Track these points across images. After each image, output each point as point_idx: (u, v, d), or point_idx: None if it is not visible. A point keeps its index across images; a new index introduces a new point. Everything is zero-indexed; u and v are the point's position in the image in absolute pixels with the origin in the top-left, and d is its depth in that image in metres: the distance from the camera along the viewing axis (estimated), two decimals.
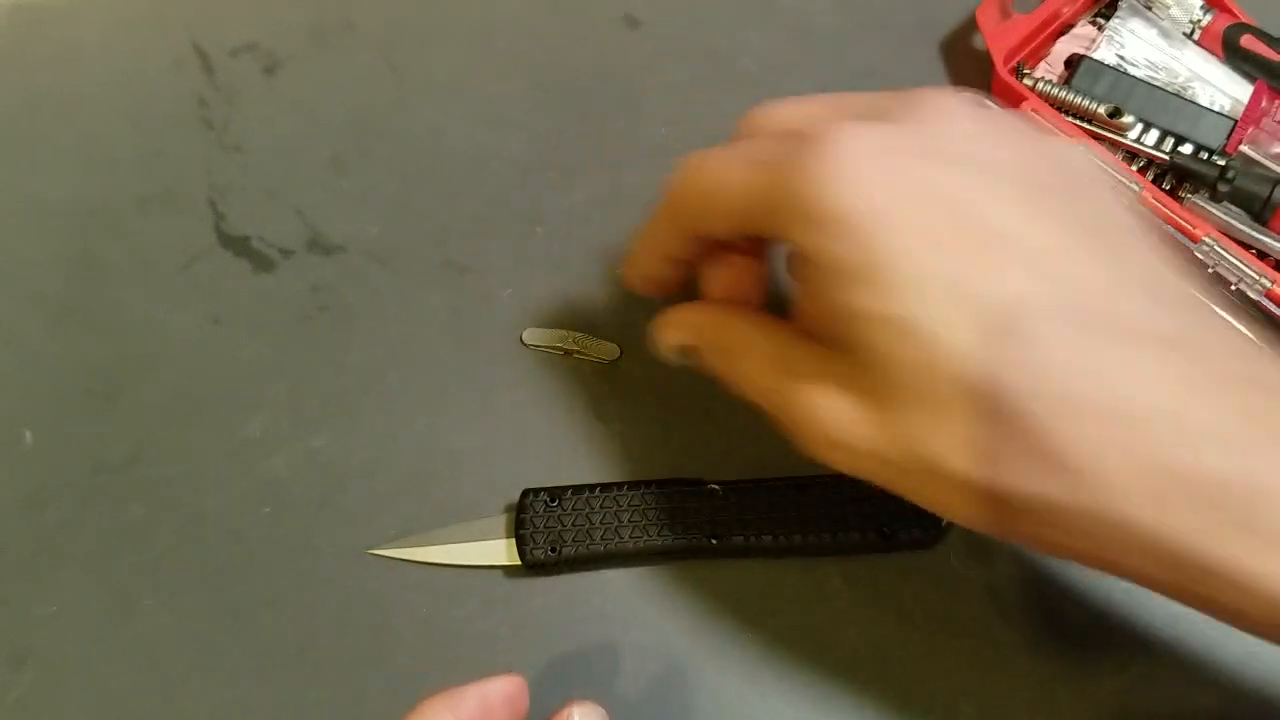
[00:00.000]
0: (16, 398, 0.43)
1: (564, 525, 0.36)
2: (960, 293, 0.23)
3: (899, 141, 0.26)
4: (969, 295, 0.23)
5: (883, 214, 0.24)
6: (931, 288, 0.24)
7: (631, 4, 0.50)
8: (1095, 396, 0.22)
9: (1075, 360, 0.23)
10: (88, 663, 0.38)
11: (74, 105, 0.49)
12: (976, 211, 0.24)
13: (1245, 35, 0.44)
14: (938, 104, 0.27)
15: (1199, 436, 0.22)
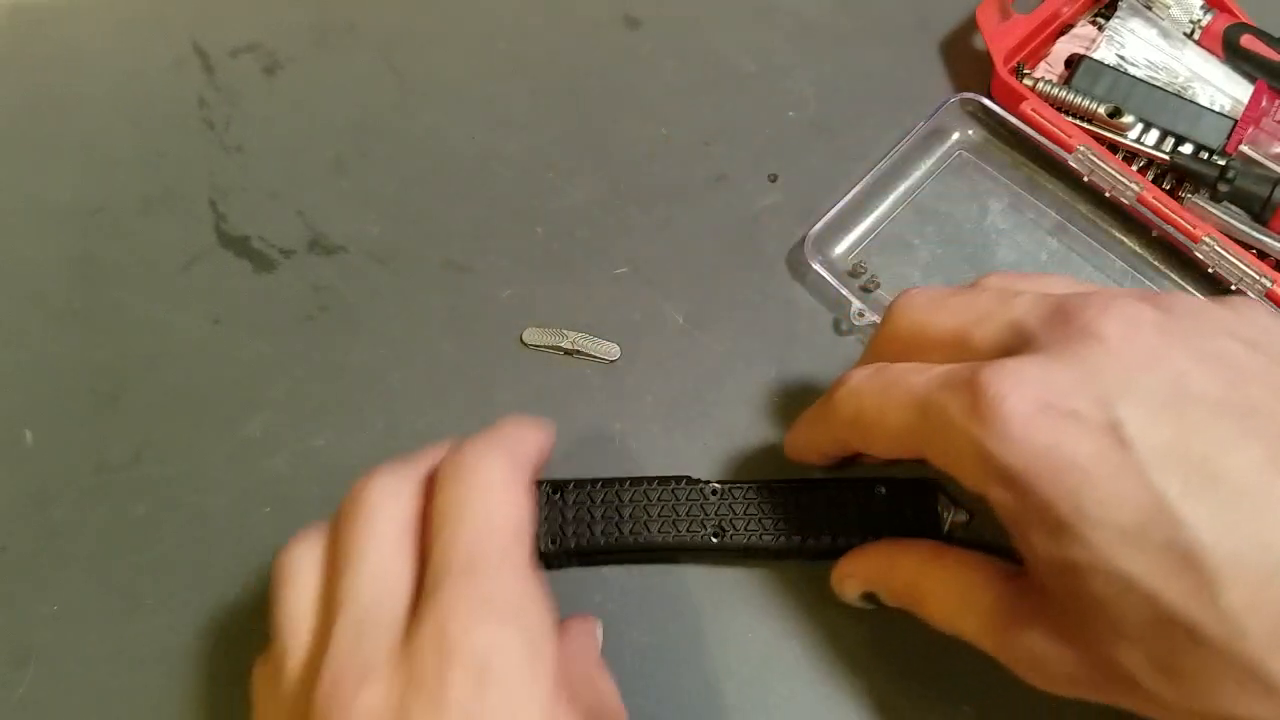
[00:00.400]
0: (18, 398, 0.43)
1: (565, 518, 0.36)
2: (1160, 539, 0.23)
3: (1061, 384, 0.25)
4: (1170, 541, 0.23)
5: (1058, 464, 0.24)
6: (1128, 534, 0.23)
7: (631, 4, 0.50)
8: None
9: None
10: (90, 662, 0.38)
11: (75, 106, 0.49)
12: (1159, 446, 0.24)
13: (1245, 35, 0.44)
14: (1101, 327, 0.25)
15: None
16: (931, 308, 0.30)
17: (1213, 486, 0.23)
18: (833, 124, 0.47)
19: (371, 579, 0.27)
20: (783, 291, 0.43)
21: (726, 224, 0.45)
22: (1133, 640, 0.24)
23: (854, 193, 0.43)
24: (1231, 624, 0.23)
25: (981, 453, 0.25)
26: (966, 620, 0.29)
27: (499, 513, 0.28)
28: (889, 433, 0.28)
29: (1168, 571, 0.23)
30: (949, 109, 0.45)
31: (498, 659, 0.24)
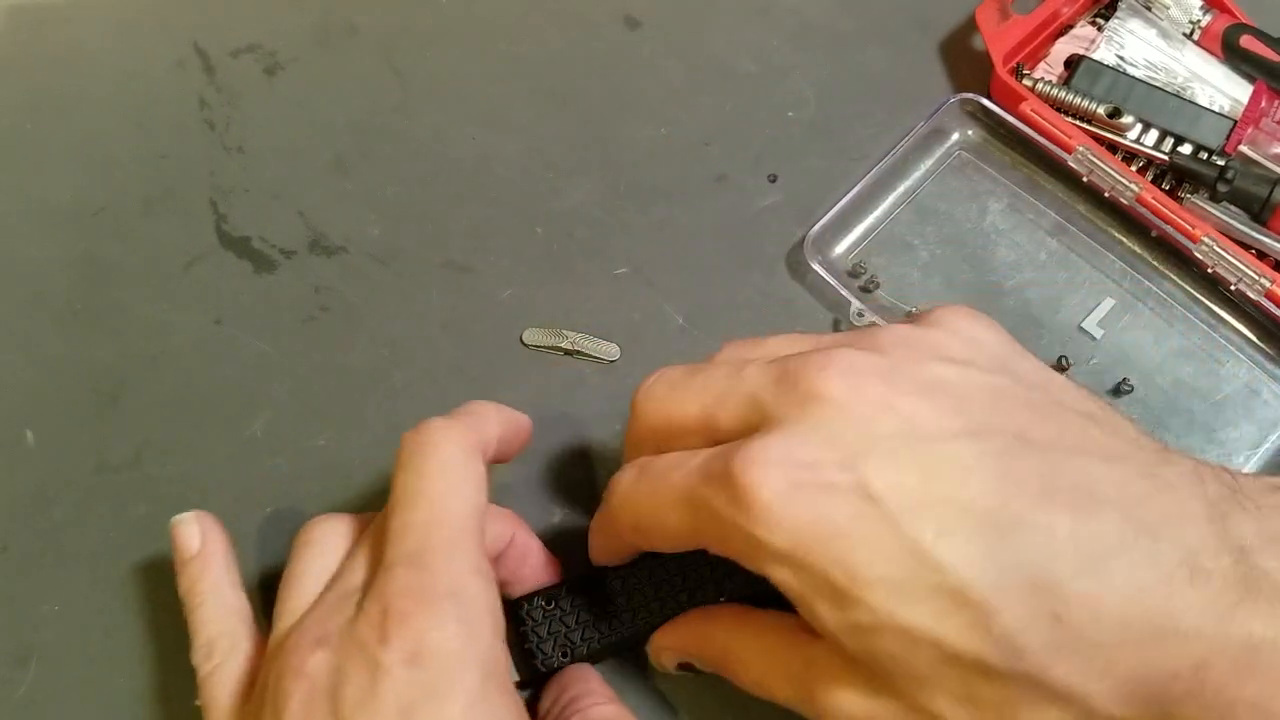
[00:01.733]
0: (20, 398, 0.43)
1: (568, 626, 0.34)
2: (927, 585, 0.24)
3: (805, 455, 0.25)
4: (937, 586, 0.24)
5: (822, 536, 0.25)
6: (900, 588, 0.24)
7: (631, 5, 0.50)
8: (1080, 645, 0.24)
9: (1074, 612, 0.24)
10: (91, 661, 0.38)
11: (76, 106, 0.49)
12: (907, 498, 0.25)
13: (1244, 35, 0.44)
14: (825, 388, 0.26)
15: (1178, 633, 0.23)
16: (672, 396, 0.29)
17: (962, 521, 0.24)
18: (833, 124, 0.47)
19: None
20: (783, 291, 0.43)
21: (726, 224, 0.45)
22: (934, 685, 0.25)
23: (854, 193, 0.43)
24: (1009, 648, 0.24)
25: (751, 540, 0.25)
26: (778, 685, 0.29)
27: (450, 499, 0.29)
28: (669, 534, 0.28)
29: (942, 614, 0.24)
30: (948, 109, 0.45)
31: (431, 643, 0.26)
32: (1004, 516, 0.24)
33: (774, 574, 0.26)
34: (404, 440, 0.31)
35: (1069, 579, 0.23)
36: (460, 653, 0.26)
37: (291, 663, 0.27)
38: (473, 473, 0.30)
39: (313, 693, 0.27)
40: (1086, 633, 0.23)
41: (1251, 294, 0.40)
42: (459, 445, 0.30)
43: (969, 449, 0.25)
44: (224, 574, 0.34)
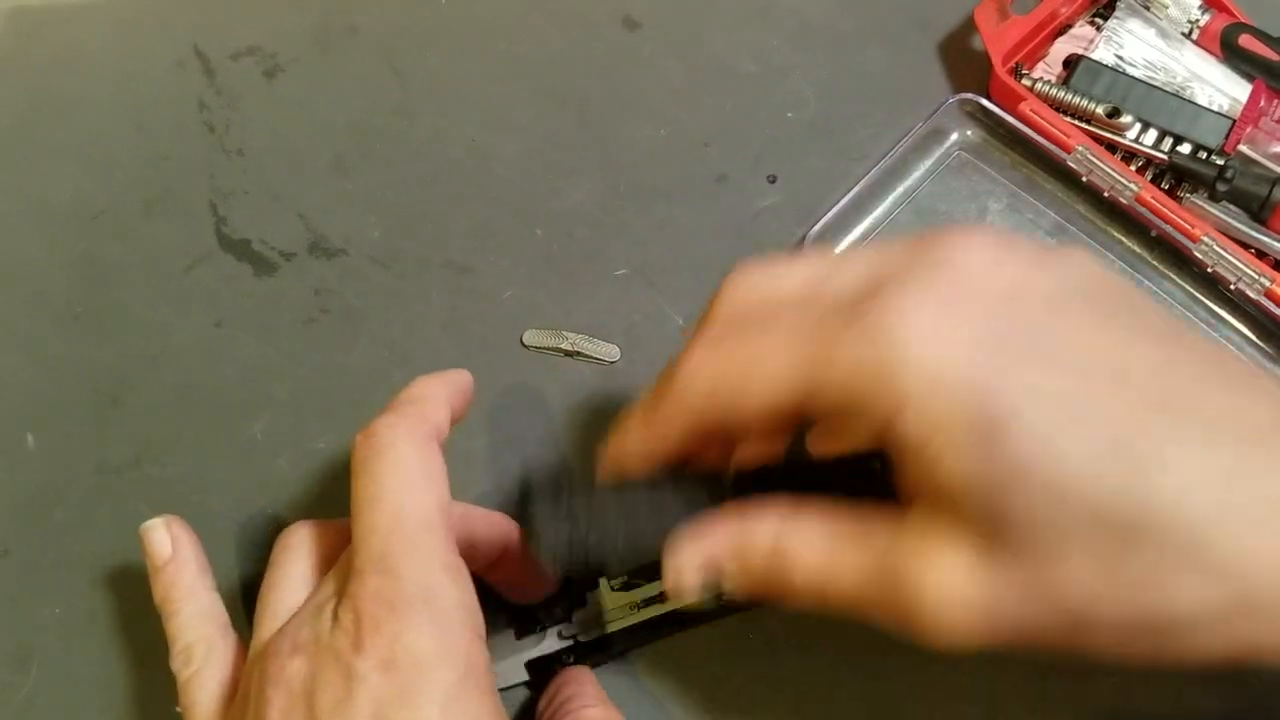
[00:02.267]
0: (20, 399, 0.43)
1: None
2: (1078, 429, 0.22)
3: (953, 293, 0.24)
4: (1086, 429, 0.22)
5: (968, 373, 0.23)
6: (1056, 434, 0.22)
7: (631, 6, 0.50)
8: (1234, 503, 0.22)
9: (1210, 473, 0.22)
10: (93, 663, 0.38)
11: (76, 108, 0.49)
12: (1057, 341, 0.24)
13: (1243, 35, 0.44)
14: (951, 246, 0.25)
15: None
16: (772, 272, 0.28)
17: (1125, 380, 0.23)
18: (832, 124, 0.47)
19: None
20: None
21: (726, 224, 0.45)
22: (1073, 549, 0.23)
23: (853, 193, 0.43)
24: (1173, 501, 0.22)
25: (882, 378, 0.23)
26: (849, 577, 0.26)
27: (408, 498, 0.28)
28: (761, 394, 0.25)
29: (1100, 466, 0.22)
30: (948, 109, 0.45)
31: (404, 648, 0.26)
32: (1171, 387, 0.23)
33: (902, 420, 0.23)
34: (355, 443, 0.30)
35: (1230, 446, 0.22)
36: (434, 654, 0.26)
37: (271, 670, 0.27)
38: (428, 466, 0.29)
39: (292, 700, 0.26)
40: (1255, 505, 0.22)
41: (1251, 293, 0.40)
42: (410, 441, 0.29)
43: (1121, 318, 0.24)
44: (197, 579, 0.34)
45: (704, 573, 0.28)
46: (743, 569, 0.28)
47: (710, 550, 0.28)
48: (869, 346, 0.24)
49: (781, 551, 0.27)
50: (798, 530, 0.27)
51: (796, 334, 0.25)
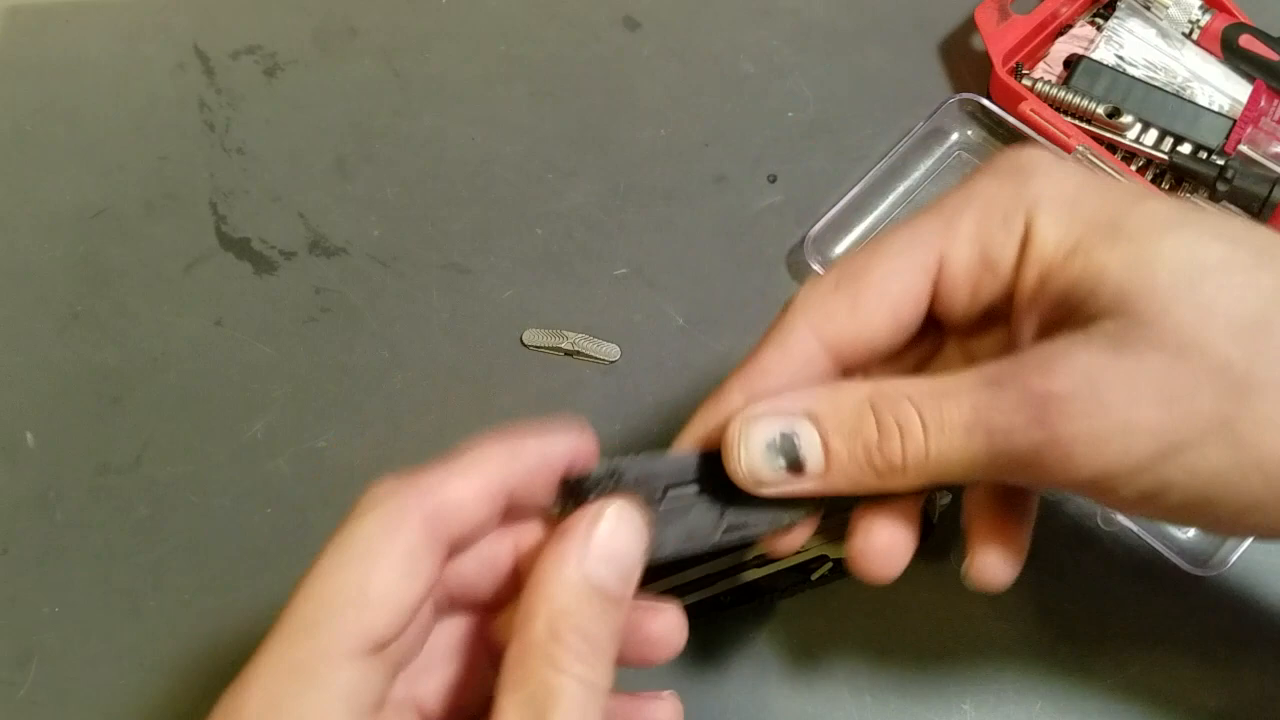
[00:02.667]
0: (21, 399, 0.43)
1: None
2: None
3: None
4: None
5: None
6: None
7: (631, 6, 0.50)
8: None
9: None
10: (92, 662, 0.38)
11: (76, 108, 0.49)
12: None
13: (1244, 35, 0.44)
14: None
15: None
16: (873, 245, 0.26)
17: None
18: (832, 124, 0.47)
19: None
20: (783, 291, 0.43)
21: (726, 224, 0.45)
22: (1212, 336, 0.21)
23: (854, 193, 0.43)
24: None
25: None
26: (983, 423, 0.22)
27: (338, 578, 0.23)
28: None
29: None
30: (948, 109, 0.45)
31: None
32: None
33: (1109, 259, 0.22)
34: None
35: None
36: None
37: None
38: (390, 554, 0.23)
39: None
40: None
41: None
42: (382, 521, 0.23)
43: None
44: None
45: (778, 446, 0.24)
46: (836, 429, 0.24)
47: (784, 417, 0.24)
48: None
49: (882, 405, 0.23)
50: (900, 383, 0.23)
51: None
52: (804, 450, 0.24)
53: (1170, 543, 0.36)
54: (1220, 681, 0.35)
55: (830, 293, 0.26)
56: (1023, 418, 0.22)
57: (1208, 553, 0.36)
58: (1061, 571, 0.37)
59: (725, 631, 0.37)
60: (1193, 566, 0.36)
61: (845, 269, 0.26)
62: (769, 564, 0.37)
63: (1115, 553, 0.37)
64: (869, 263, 0.25)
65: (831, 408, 0.24)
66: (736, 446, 0.24)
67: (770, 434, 0.24)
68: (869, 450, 0.23)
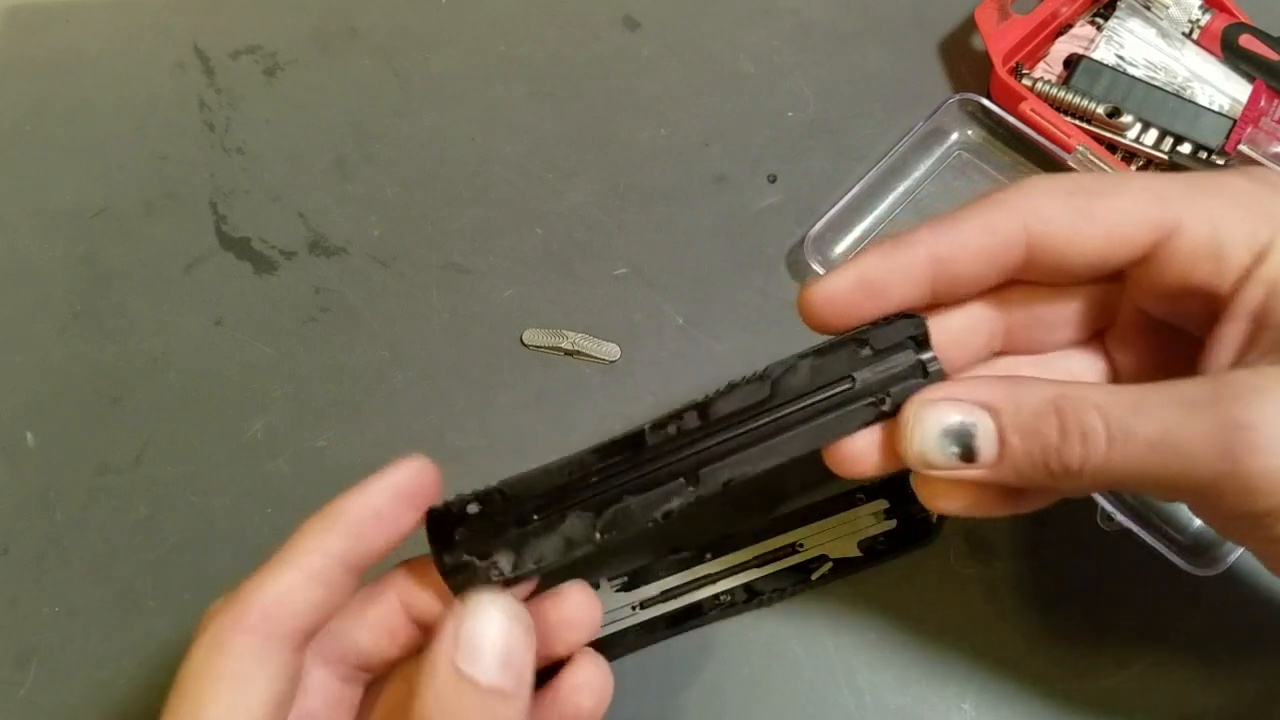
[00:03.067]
0: (21, 399, 0.43)
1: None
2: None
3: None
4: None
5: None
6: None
7: (631, 6, 0.50)
8: None
9: None
10: (92, 662, 0.38)
11: (76, 108, 0.49)
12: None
13: (1244, 35, 0.44)
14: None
15: None
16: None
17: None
18: (832, 124, 0.47)
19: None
20: (783, 291, 0.43)
21: (726, 224, 0.45)
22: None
23: (853, 193, 0.43)
24: None
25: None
26: (1169, 439, 0.22)
27: (186, 710, 0.22)
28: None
29: None
30: (948, 109, 0.45)
31: None
32: None
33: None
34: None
35: None
36: None
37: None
38: (219, 681, 0.23)
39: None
40: None
41: None
42: (206, 649, 0.23)
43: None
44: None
45: (954, 434, 0.24)
46: (1017, 426, 0.23)
47: (963, 406, 0.24)
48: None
49: (1067, 410, 0.23)
50: (1087, 390, 0.23)
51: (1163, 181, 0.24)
52: (980, 442, 0.24)
53: (1170, 543, 0.36)
54: (1220, 681, 0.35)
55: (1062, 196, 0.25)
56: (1212, 447, 0.21)
57: (1208, 553, 0.36)
58: (1062, 571, 0.37)
59: (725, 632, 0.37)
60: (1193, 566, 0.36)
61: (1082, 183, 0.25)
62: (769, 564, 0.37)
63: (1115, 553, 0.37)
64: (1108, 188, 0.25)
65: (1013, 404, 0.24)
66: (910, 427, 0.24)
67: (947, 421, 0.24)
68: (1047, 451, 0.23)
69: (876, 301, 0.26)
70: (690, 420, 0.26)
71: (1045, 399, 0.23)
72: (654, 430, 0.26)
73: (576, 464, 0.26)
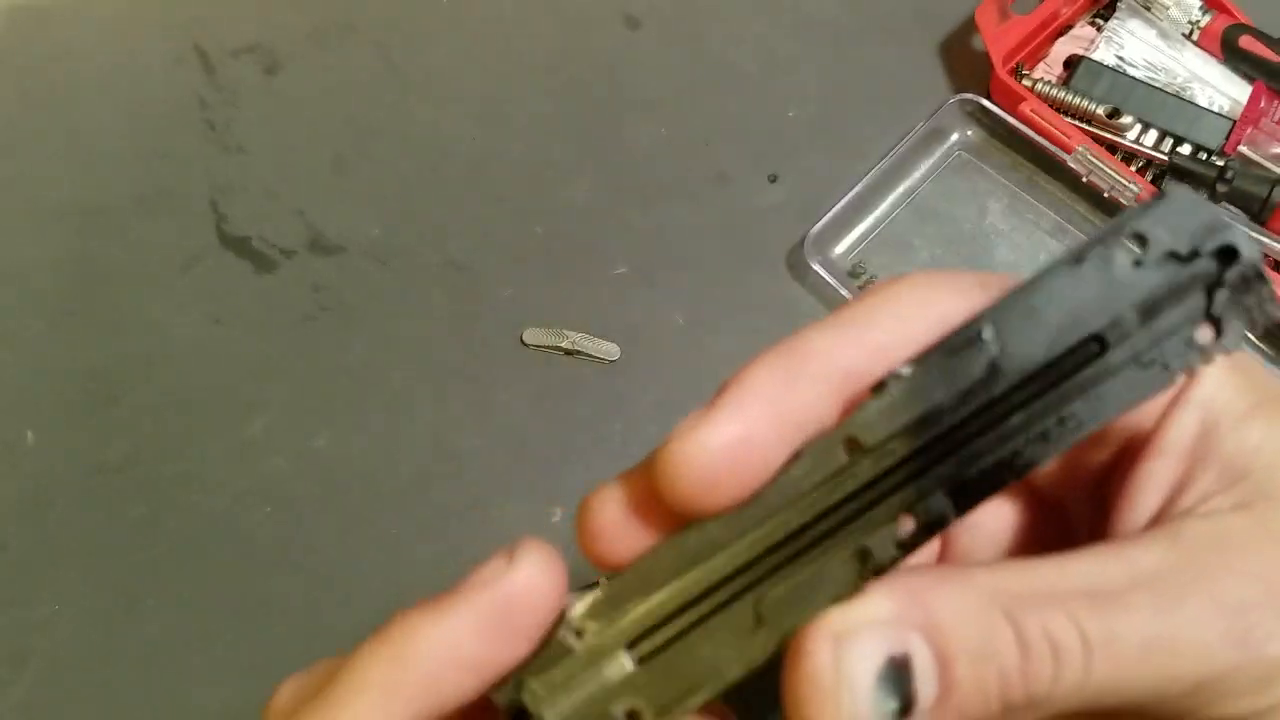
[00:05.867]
0: (18, 398, 0.43)
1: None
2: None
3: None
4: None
5: None
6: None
7: (631, 4, 0.50)
8: None
9: None
10: (89, 662, 0.38)
11: (74, 105, 0.49)
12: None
13: (1244, 36, 0.44)
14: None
15: None
16: None
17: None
18: (833, 123, 0.47)
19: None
20: (783, 291, 0.43)
21: (727, 224, 0.45)
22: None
23: (854, 193, 0.43)
24: None
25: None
26: (1176, 645, 0.16)
27: None
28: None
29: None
30: (948, 109, 0.45)
31: None
32: None
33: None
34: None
35: None
36: None
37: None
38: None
39: None
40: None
41: None
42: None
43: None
44: None
45: (893, 681, 0.16)
46: (964, 648, 0.16)
47: (894, 631, 0.16)
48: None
49: (1024, 616, 0.16)
50: (1030, 577, 0.17)
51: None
52: (919, 683, 0.16)
53: None
54: None
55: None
56: (1218, 635, 0.16)
57: None
58: None
59: None
60: None
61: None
62: None
63: None
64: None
65: (953, 615, 0.16)
66: (832, 685, 0.16)
67: (879, 660, 0.16)
68: (1006, 678, 0.16)
69: (768, 457, 0.17)
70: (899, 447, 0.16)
71: (987, 602, 0.16)
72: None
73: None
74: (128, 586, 0.39)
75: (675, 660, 0.17)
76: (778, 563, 0.17)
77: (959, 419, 0.16)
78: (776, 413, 0.17)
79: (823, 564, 0.16)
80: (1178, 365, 0.16)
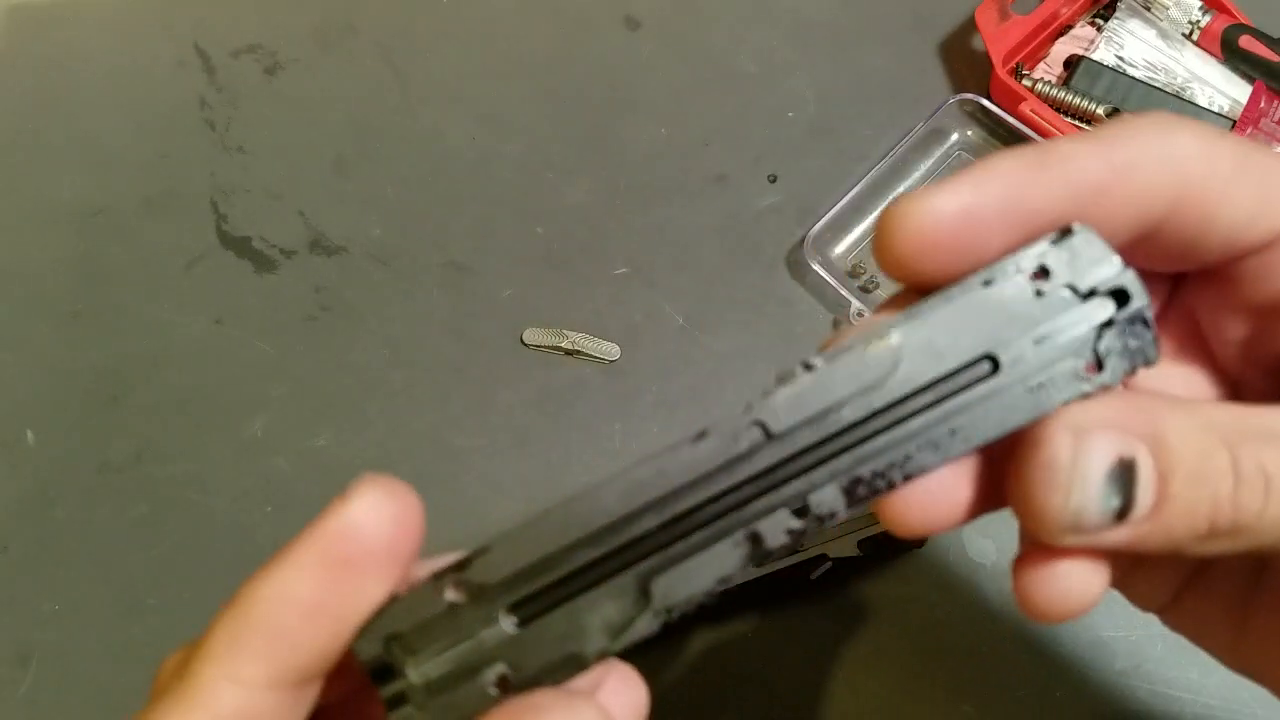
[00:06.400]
0: (20, 398, 0.43)
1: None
2: None
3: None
4: None
5: None
6: None
7: (631, 5, 0.50)
8: None
9: None
10: (92, 660, 0.38)
11: (76, 107, 0.49)
12: None
13: (1244, 36, 0.44)
14: None
15: None
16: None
17: None
18: (833, 124, 0.47)
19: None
20: (783, 291, 0.43)
21: (726, 224, 0.45)
22: None
23: (853, 193, 0.43)
24: None
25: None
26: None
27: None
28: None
29: None
30: (948, 109, 0.45)
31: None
32: None
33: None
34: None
35: None
36: None
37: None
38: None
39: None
40: None
41: None
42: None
43: None
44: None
45: (1118, 480, 0.16)
46: (1182, 467, 0.17)
47: (1127, 438, 0.17)
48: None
49: (1241, 445, 0.17)
50: (1246, 414, 0.17)
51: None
52: (1140, 490, 0.17)
53: None
54: (1220, 681, 0.35)
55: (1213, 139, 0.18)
56: None
57: None
58: None
59: (725, 632, 0.37)
60: None
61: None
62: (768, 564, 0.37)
63: None
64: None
65: (1177, 436, 0.17)
66: (1067, 473, 0.17)
67: (1111, 459, 0.16)
68: (1216, 503, 0.17)
69: (988, 243, 0.18)
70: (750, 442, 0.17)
71: (1209, 430, 0.17)
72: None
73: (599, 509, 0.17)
74: (129, 586, 0.39)
75: (554, 627, 0.17)
76: (668, 539, 0.17)
77: (859, 416, 0.17)
78: (1012, 197, 0.18)
79: (713, 544, 0.17)
80: (1060, 395, 0.17)
